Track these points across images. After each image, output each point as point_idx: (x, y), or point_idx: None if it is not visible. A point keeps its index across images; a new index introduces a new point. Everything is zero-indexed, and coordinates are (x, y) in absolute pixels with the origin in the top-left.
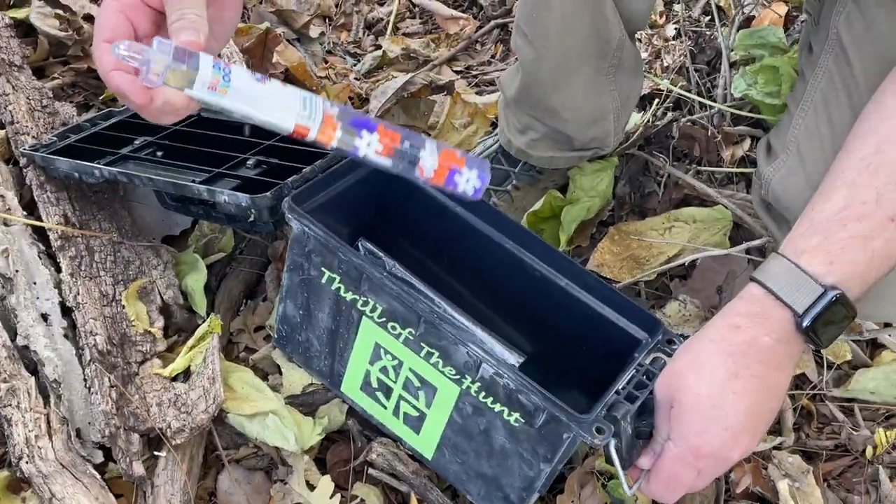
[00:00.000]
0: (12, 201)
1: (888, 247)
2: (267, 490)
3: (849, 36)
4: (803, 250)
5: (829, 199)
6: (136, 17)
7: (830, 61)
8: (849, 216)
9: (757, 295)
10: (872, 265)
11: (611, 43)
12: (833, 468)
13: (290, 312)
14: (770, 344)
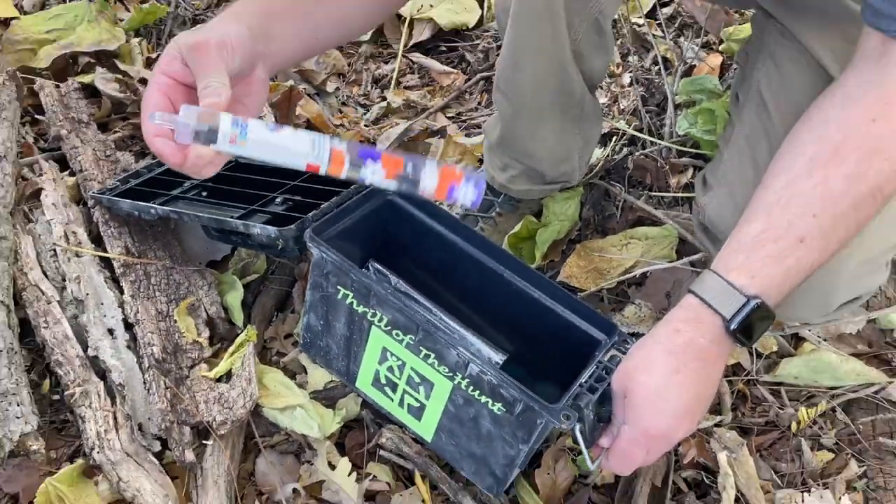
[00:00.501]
0: (82, 236)
1: (799, 263)
2: (296, 470)
3: (768, 89)
4: (731, 267)
5: (750, 225)
6: (174, 94)
7: (753, 110)
8: (766, 239)
9: (693, 304)
10: (787, 278)
11: (574, 97)
12: (764, 441)
13: (313, 323)
14: (705, 344)
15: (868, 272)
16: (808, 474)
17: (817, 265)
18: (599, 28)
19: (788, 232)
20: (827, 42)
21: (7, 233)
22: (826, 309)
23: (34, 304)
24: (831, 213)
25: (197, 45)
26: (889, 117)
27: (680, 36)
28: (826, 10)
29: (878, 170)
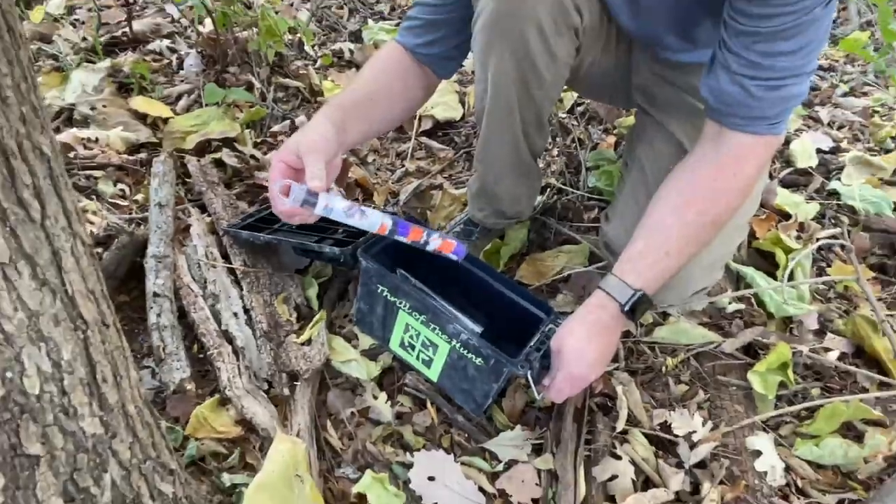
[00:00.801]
0: (216, 255)
1: (666, 268)
2: (353, 400)
3: (645, 158)
4: (624, 272)
5: (635, 244)
6: (287, 174)
7: (636, 171)
8: (645, 253)
9: (601, 295)
10: (659, 277)
11: (524, 164)
12: (644, 379)
13: (362, 308)
14: (607, 320)
15: (710, 272)
16: (673, 399)
17: (677, 269)
18: (540, 120)
19: (659, 249)
20: (682, 128)
21: (169, 253)
22: (684, 296)
23: (187, 297)
24: (685, 237)
25: (306, 144)
26: (722, 178)
27: (589, 124)
28: (681, 108)
29: (715, 211)
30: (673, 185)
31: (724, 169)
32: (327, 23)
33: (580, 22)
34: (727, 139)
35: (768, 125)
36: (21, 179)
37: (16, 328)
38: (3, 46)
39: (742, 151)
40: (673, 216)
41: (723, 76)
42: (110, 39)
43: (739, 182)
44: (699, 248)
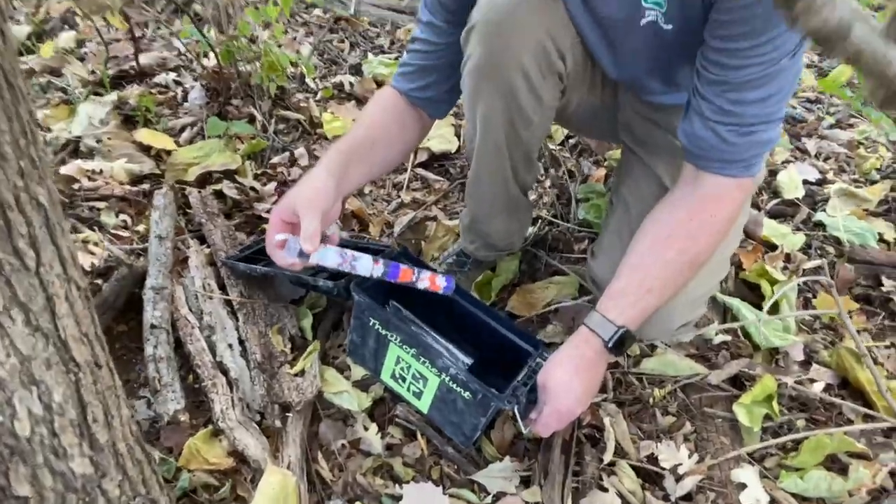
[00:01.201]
0: (214, 286)
1: (648, 305)
2: (344, 431)
3: (629, 196)
4: (607, 309)
5: (618, 281)
6: (284, 228)
7: (621, 208)
8: (627, 291)
9: (585, 331)
10: (641, 314)
11: (513, 199)
12: (632, 410)
13: (355, 339)
14: (592, 356)
15: (693, 308)
16: (660, 431)
17: (659, 305)
18: (528, 158)
19: (641, 286)
20: (665, 167)
21: (167, 283)
22: (668, 331)
23: (183, 329)
24: (665, 275)
25: (302, 201)
26: (699, 218)
27: (580, 156)
28: (664, 148)
29: (694, 250)
30: (653, 223)
31: (702, 210)
32: (328, 56)
33: (564, 67)
34: (704, 181)
35: (742, 168)
36: (17, 230)
37: (7, 373)
38: (2, 105)
39: (718, 193)
40: (653, 255)
41: (697, 122)
42: (118, 72)
43: (717, 222)
44: (680, 285)
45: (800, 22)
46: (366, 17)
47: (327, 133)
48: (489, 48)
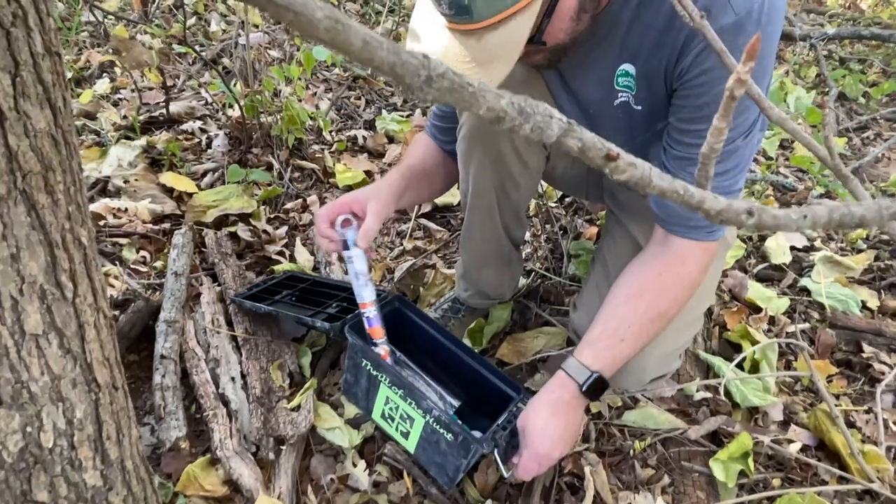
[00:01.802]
0: (222, 322)
1: (621, 353)
2: (334, 466)
3: (608, 254)
4: (583, 355)
5: (594, 330)
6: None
7: (600, 265)
8: (602, 338)
9: (561, 375)
10: (615, 361)
11: (504, 253)
12: (613, 461)
13: (348, 379)
14: (568, 400)
15: (665, 362)
16: (639, 482)
17: (632, 354)
18: (518, 215)
19: (614, 335)
20: (640, 228)
21: (179, 318)
22: (642, 383)
23: (190, 360)
24: (638, 325)
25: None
26: (668, 274)
27: (574, 214)
28: (640, 211)
29: (663, 303)
30: (627, 278)
31: (670, 267)
32: (345, 111)
33: None
34: (672, 242)
35: (706, 233)
36: (61, 266)
37: (40, 389)
38: (59, 159)
39: (684, 253)
40: (626, 305)
41: None
42: (148, 118)
43: (684, 279)
44: (652, 335)
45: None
46: (381, 78)
47: (339, 182)
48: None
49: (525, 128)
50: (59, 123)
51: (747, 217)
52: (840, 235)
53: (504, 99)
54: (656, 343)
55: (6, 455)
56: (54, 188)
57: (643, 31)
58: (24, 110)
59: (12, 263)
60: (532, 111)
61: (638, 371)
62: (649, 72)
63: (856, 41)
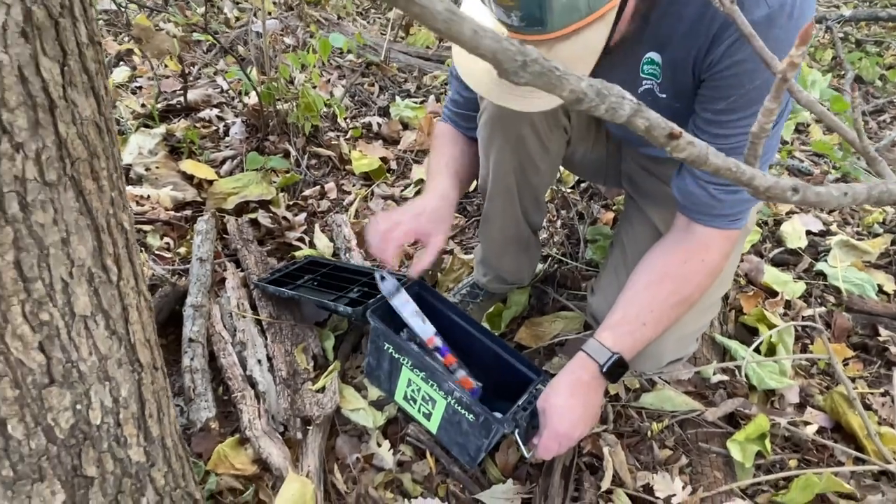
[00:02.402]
0: (246, 306)
1: (642, 336)
2: (359, 446)
3: (626, 239)
4: (603, 337)
5: (614, 314)
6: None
7: (618, 250)
8: (623, 322)
9: (582, 356)
10: (635, 344)
11: (523, 238)
12: (631, 442)
13: (371, 362)
14: (588, 380)
15: (683, 345)
16: (656, 463)
17: (652, 338)
18: (537, 200)
19: (636, 320)
20: (660, 214)
21: (206, 302)
22: (658, 365)
23: (218, 344)
24: (659, 311)
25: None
26: (691, 262)
27: (590, 200)
28: (659, 196)
29: (686, 290)
30: (649, 264)
31: (693, 255)
32: (359, 98)
33: (568, 122)
34: (694, 230)
35: (728, 221)
36: (106, 250)
37: (88, 369)
38: (103, 146)
39: (707, 241)
40: (648, 292)
41: (689, 180)
42: (166, 107)
43: (707, 266)
44: (672, 320)
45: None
46: (395, 64)
47: (355, 169)
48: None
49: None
50: (102, 111)
51: (792, 193)
52: (856, 220)
53: (584, 82)
54: (674, 327)
55: (58, 431)
56: (99, 174)
57: (674, 20)
58: (71, 99)
59: (62, 247)
60: (607, 93)
61: (655, 354)
62: (677, 61)
63: (872, 23)
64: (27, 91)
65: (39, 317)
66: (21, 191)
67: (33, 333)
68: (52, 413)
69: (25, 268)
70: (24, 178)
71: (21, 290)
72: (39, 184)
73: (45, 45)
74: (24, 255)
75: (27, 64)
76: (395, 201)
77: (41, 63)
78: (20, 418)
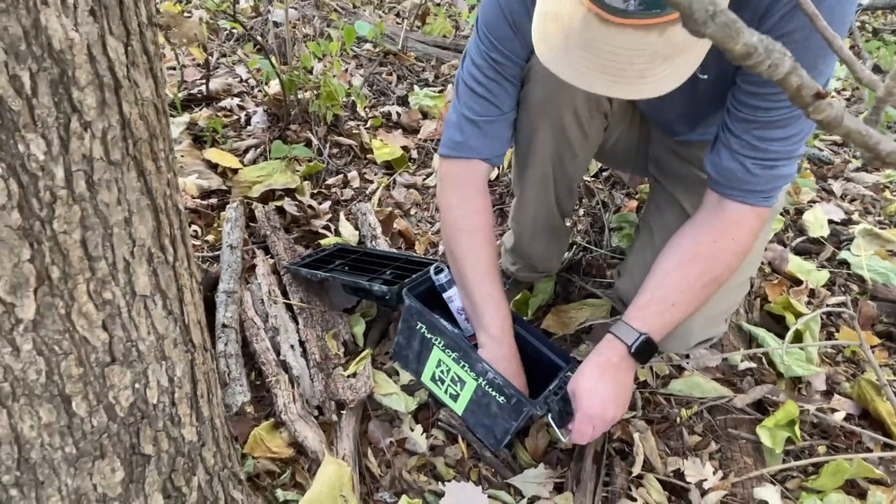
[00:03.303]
0: (277, 292)
1: (671, 317)
2: (391, 430)
3: (654, 222)
4: (632, 318)
5: (643, 296)
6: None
7: (646, 233)
8: (652, 303)
9: (610, 338)
10: (664, 325)
11: (555, 224)
12: (660, 428)
13: (401, 341)
14: (617, 361)
15: (711, 325)
16: (686, 448)
17: (682, 319)
18: (570, 188)
19: (664, 301)
20: (687, 196)
21: (237, 288)
22: (687, 346)
23: (250, 329)
24: (690, 292)
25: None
26: (722, 241)
27: (613, 188)
28: (687, 179)
29: (716, 270)
30: (678, 244)
31: (724, 234)
32: (377, 87)
33: (609, 107)
34: (726, 207)
35: (762, 198)
36: (164, 230)
37: (147, 348)
38: (160, 128)
39: (739, 219)
40: (677, 272)
41: (724, 154)
42: (187, 96)
43: (737, 245)
44: (701, 301)
45: (811, 115)
46: (412, 53)
47: (377, 158)
48: (546, 88)
49: (765, 63)
50: (160, 93)
51: None
52: (877, 209)
53: (755, 36)
54: (703, 307)
55: (119, 409)
56: (157, 155)
57: None
58: (134, 79)
59: (125, 227)
60: (773, 48)
61: (684, 334)
62: None
63: (888, 12)
64: (95, 70)
65: (103, 295)
66: (88, 170)
67: (97, 311)
68: (113, 391)
69: (91, 246)
70: (91, 157)
71: (87, 268)
72: (105, 163)
73: (111, 24)
74: (90, 233)
75: (95, 43)
76: (417, 190)
77: (108, 42)
78: (84, 396)
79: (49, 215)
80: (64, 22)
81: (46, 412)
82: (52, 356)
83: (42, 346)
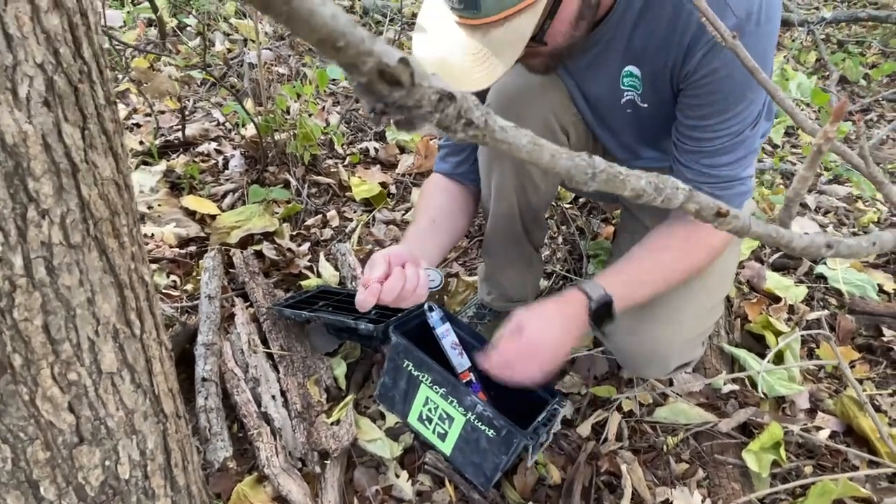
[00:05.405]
0: (257, 341)
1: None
2: (377, 478)
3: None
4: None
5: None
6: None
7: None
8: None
9: (574, 290)
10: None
11: (525, 255)
12: (647, 458)
13: (386, 382)
14: (575, 310)
15: (689, 349)
16: (674, 477)
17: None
18: (537, 218)
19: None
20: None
21: (216, 340)
22: (666, 371)
23: (231, 381)
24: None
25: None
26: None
27: (589, 215)
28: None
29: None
30: (652, 236)
31: (695, 233)
32: (355, 124)
33: (567, 140)
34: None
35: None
36: (129, 305)
37: (116, 424)
38: (122, 203)
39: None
40: (651, 256)
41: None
42: (163, 142)
43: (708, 244)
44: (670, 286)
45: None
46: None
47: (356, 195)
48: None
49: (658, 200)
50: (121, 169)
51: (827, 249)
52: (851, 220)
53: (643, 180)
54: (679, 329)
55: (89, 489)
56: (120, 231)
57: (647, 34)
58: (92, 160)
59: (88, 307)
60: (663, 186)
61: (661, 359)
62: (655, 73)
63: (852, 23)
64: (51, 158)
65: (68, 377)
66: (48, 255)
67: (63, 394)
68: (82, 472)
69: (53, 330)
70: (50, 242)
71: (50, 352)
72: (65, 247)
73: (66, 111)
74: (52, 317)
75: (50, 132)
76: (396, 226)
77: (63, 129)
78: (52, 480)
79: (9, 304)
80: (17, 116)
81: (14, 499)
82: (17, 443)
83: (7, 434)
